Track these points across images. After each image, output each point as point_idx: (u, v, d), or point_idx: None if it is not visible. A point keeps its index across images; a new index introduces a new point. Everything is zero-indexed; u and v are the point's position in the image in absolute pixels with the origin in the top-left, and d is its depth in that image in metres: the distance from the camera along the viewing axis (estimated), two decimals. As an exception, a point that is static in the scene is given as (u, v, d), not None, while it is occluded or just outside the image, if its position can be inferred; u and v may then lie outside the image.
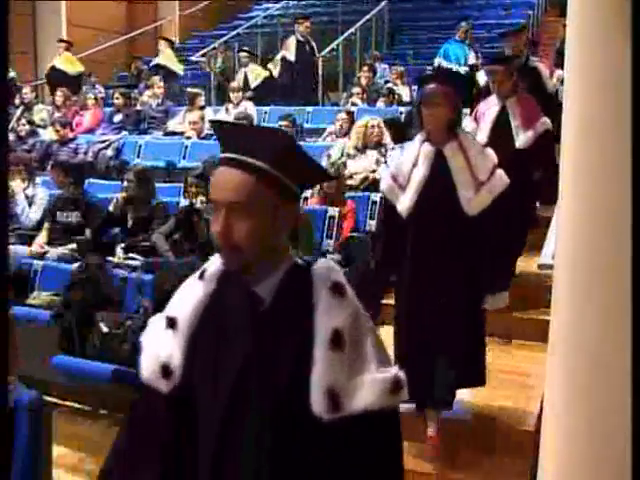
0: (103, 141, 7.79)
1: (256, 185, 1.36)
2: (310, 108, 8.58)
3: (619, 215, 1.86)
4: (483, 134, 4.57)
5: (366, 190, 5.75)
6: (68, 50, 10.39)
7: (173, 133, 8.03)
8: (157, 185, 5.77)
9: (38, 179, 6.40)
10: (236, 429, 1.39)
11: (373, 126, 6.14)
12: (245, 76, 9.51)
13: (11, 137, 7.70)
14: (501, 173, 3.36)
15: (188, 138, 7.59)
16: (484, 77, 5.60)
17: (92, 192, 6.03)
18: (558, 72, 5.89)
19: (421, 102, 3.40)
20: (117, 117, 8.62)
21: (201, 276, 1.51)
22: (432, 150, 3.34)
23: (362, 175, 5.94)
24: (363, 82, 8.89)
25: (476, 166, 3.30)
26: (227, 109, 8.27)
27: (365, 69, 9.14)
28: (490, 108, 4.73)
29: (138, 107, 8.95)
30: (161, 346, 1.47)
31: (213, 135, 7.59)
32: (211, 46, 10.87)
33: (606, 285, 2.00)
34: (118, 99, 8.67)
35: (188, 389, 1.44)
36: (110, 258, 5.00)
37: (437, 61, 8.85)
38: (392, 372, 1.42)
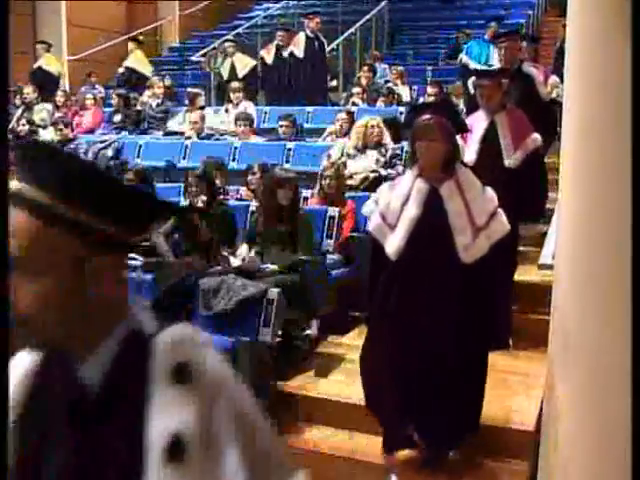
0: (103, 141, 7.79)
1: (44, 231, 0.97)
2: (310, 108, 8.58)
3: (619, 215, 1.86)
4: (471, 151, 4.34)
5: (366, 190, 5.75)
6: (48, 51, 10.41)
7: (173, 133, 8.04)
8: (157, 185, 5.76)
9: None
10: None
11: (373, 126, 6.13)
12: (232, 65, 9.36)
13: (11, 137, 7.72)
14: (502, 217, 3.11)
15: (188, 138, 7.59)
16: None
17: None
18: (553, 78, 5.80)
19: (414, 135, 3.09)
20: (117, 117, 8.64)
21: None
22: (426, 187, 3.07)
23: (362, 175, 5.93)
24: (363, 82, 8.90)
25: (475, 210, 3.03)
26: (227, 109, 8.28)
27: (365, 69, 9.15)
28: (478, 123, 4.46)
29: (138, 107, 8.96)
30: None
31: (213, 135, 7.61)
32: (211, 46, 10.87)
33: (606, 285, 2.00)
34: (115, 100, 8.69)
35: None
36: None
37: (462, 57, 8.53)
38: None
